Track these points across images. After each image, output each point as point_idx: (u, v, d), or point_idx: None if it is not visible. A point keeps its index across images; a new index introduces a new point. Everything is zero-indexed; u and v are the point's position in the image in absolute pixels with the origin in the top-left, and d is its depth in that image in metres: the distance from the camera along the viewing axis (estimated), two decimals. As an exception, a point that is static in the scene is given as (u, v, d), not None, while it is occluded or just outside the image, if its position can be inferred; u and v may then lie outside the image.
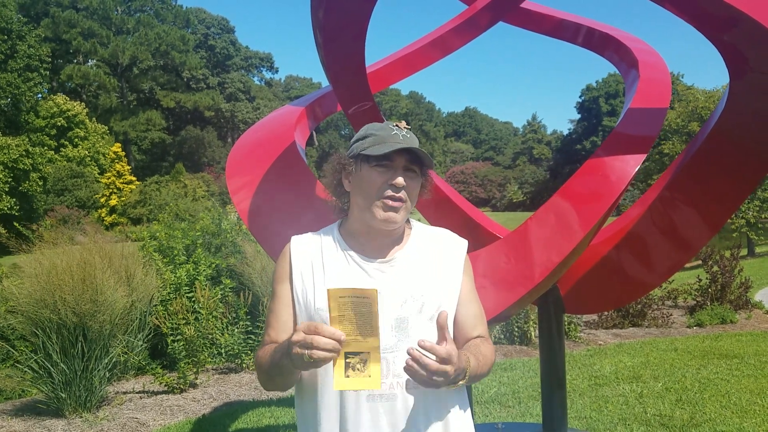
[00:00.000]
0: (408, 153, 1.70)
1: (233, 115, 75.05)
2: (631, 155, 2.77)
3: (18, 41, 42.72)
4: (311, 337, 1.45)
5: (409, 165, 1.71)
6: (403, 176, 1.69)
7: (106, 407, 5.83)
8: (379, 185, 1.69)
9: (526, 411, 5.38)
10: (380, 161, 1.69)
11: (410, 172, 1.71)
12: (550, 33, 4.00)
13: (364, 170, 1.71)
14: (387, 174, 1.69)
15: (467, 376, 1.61)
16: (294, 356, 1.49)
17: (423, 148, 1.71)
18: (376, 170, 1.69)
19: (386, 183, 1.68)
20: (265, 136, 3.34)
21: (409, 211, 1.75)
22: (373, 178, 1.70)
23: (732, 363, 6.65)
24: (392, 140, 1.69)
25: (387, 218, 1.70)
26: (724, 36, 2.48)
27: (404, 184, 1.69)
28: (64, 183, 45.01)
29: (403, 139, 1.70)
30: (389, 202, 1.68)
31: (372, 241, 1.77)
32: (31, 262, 5.99)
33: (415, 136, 1.77)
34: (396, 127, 1.73)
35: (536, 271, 2.65)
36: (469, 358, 1.64)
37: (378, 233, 1.75)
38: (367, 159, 1.70)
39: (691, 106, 26.41)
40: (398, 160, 1.69)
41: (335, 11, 2.56)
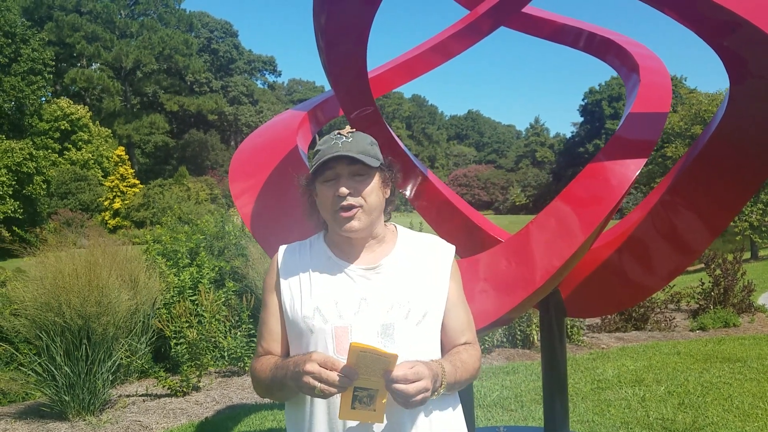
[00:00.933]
0: (347, 159, 1.69)
1: (236, 118, 75.21)
2: (632, 159, 2.78)
3: (22, 45, 42.84)
4: (327, 373, 1.50)
5: (355, 169, 1.71)
6: (348, 182, 1.69)
7: (110, 410, 5.84)
8: (331, 199, 1.71)
9: (529, 414, 5.38)
10: (323, 175, 1.71)
11: (358, 176, 1.71)
12: (551, 38, 4.01)
13: (318, 187, 1.75)
14: (334, 186, 1.70)
15: (444, 382, 1.64)
16: (303, 384, 1.53)
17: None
18: (325, 185, 1.72)
19: (334, 195, 1.70)
20: (268, 141, 3.36)
21: (371, 213, 1.73)
22: (324, 193, 1.73)
23: (735, 367, 6.64)
24: (332, 150, 1.69)
25: (346, 229, 1.71)
26: (724, 41, 2.49)
27: (346, 192, 1.69)
28: (68, 186, 45.12)
29: (342, 146, 1.69)
30: (341, 214, 1.70)
31: (355, 249, 1.79)
32: (35, 265, 6.01)
33: (362, 135, 1.76)
34: (337, 136, 1.73)
35: (537, 274, 2.65)
36: (443, 365, 1.66)
37: (357, 241, 1.77)
38: (315, 176, 1.73)
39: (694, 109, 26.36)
40: (340, 168, 1.70)
41: (337, 16, 2.57)
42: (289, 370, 1.61)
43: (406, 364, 1.55)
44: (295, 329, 1.75)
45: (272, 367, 1.70)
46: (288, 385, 1.62)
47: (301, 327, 1.72)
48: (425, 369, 1.56)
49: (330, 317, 1.69)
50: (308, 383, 1.51)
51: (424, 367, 1.56)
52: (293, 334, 1.77)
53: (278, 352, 1.81)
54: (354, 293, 1.72)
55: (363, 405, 1.52)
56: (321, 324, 1.69)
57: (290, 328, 1.78)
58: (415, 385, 1.52)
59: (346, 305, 1.70)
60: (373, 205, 1.73)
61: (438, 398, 1.70)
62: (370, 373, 1.50)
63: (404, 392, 1.51)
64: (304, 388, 1.54)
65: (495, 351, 7.79)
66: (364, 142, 1.74)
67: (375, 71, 3.78)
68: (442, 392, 1.65)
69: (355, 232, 1.72)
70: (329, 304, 1.71)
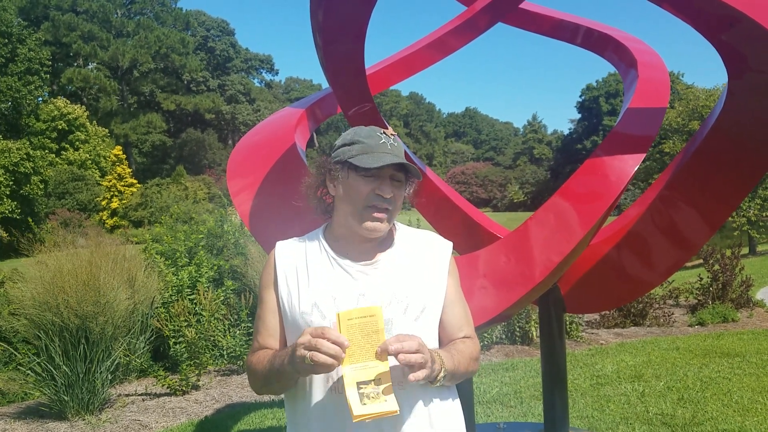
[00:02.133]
0: (402, 167, 1.72)
1: (234, 117, 75.15)
2: (630, 155, 2.78)
3: (18, 45, 42.74)
4: (316, 340, 1.49)
5: (396, 174, 1.73)
6: (390, 185, 1.71)
7: (109, 410, 5.84)
8: (366, 194, 1.70)
9: (528, 411, 5.38)
10: (366, 170, 1.70)
11: (396, 181, 1.73)
12: (549, 33, 4.01)
13: (351, 178, 1.72)
14: (374, 183, 1.70)
15: (443, 368, 1.63)
16: (297, 358, 1.52)
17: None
18: (363, 179, 1.71)
19: (373, 192, 1.70)
20: (266, 138, 3.35)
21: (393, 219, 1.77)
22: (359, 187, 1.71)
23: (734, 362, 6.65)
24: (380, 149, 1.70)
25: (373, 228, 1.72)
26: (723, 36, 2.49)
27: (391, 195, 1.70)
28: (65, 186, 45.02)
29: (391, 149, 1.71)
30: (375, 213, 1.70)
31: (356, 245, 1.79)
32: (34, 265, 6.01)
33: (401, 141, 1.78)
34: (384, 135, 1.73)
35: (536, 270, 2.66)
36: (440, 354, 1.65)
37: (362, 238, 1.77)
38: (354, 168, 1.71)
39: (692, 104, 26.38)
40: (385, 169, 1.71)
41: (334, 13, 2.57)
42: (285, 353, 1.61)
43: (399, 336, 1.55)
44: (293, 325, 1.75)
45: (270, 358, 1.70)
46: (286, 372, 1.61)
47: (299, 323, 1.72)
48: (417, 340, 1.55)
49: (328, 313, 1.69)
50: (301, 354, 1.50)
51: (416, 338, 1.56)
52: (291, 330, 1.76)
53: (275, 347, 1.80)
54: (352, 289, 1.72)
55: (372, 399, 1.50)
56: (319, 319, 1.69)
57: (288, 324, 1.77)
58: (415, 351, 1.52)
59: (344, 301, 1.70)
60: (397, 212, 1.77)
61: (437, 390, 1.71)
62: (364, 348, 1.50)
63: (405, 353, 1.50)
64: (299, 364, 1.53)
65: (494, 347, 7.79)
66: (403, 150, 1.77)
67: (373, 68, 3.78)
68: (442, 380, 1.64)
69: (379, 233, 1.73)
70: (327, 300, 1.71)
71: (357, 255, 1.78)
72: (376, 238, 1.78)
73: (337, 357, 1.48)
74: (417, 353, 1.52)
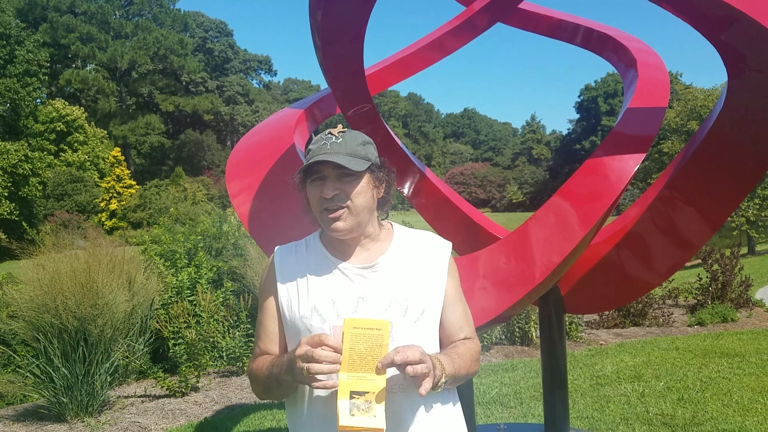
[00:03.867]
0: (333, 163, 1.67)
1: (232, 118, 75.08)
2: (630, 155, 2.77)
3: (17, 46, 42.65)
4: (313, 351, 1.49)
5: (343, 170, 1.68)
6: (335, 184, 1.68)
7: (108, 412, 5.83)
8: (317, 199, 1.71)
9: (528, 411, 5.38)
10: (311, 176, 1.71)
11: (346, 176, 1.69)
12: (548, 33, 4.01)
13: (307, 187, 1.74)
14: (321, 186, 1.69)
15: (444, 374, 1.62)
16: (296, 370, 1.52)
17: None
18: (314, 185, 1.71)
19: (321, 197, 1.69)
20: (265, 139, 3.34)
21: (358, 214, 1.71)
22: (312, 194, 1.73)
23: (733, 361, 6.65)
24: (320, 152, 1.68)
25: (333, 229, 1.70)
26: (722, 35, 2.48)
27: (332, 195, 1.67)
28: (64, 188, 44.95)
29: (331, 147, 1.68)
30: (327, 215, 1.69)
31: (350, 248, 1.78)
32: (32, 267, 5.99)
33: (353, 135, 1.73)
34: (327, 136, 1.71)
35: (537, 271, 2.65)
36: (438, 358, 1.64)
37: (350, 240, 1.76)
38: (304, 176, 1.73)
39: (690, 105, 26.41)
40: (327, 170, 1.68)
41: (333, 14, 2.56)
42: (283, 363, 1.60)
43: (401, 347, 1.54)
44: (293, 329, 1.74)
45: (268, 365, 1.69)
46: (284, 380, 1.61)
47: (299, 327, 1.71)
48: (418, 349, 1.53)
49: (328, 316, 1.68)
50: (300, 367, 1.50)
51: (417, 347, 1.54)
52: (291, 335, 1.76)
53: (276, 353, 1.80)
54: (351, 292, 1.71)
55: (362, 411, 1.50)
56: (319, 323, 1.68)
57: (288, 328, 1.77)
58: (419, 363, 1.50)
59: (344, 304, 1.69)
60: (361, 206, 1.71)
61: (437, 399, 1.70)
62: (365, 359, 1.49)
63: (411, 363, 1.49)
64: (297, 375, 1.52)
65: (494, 348, 7.79)
66: (354, 142, 1.71)
67: (371, 68, 3.78)
68: (443, 385, 1.63)
69: (341, 232, 1.71)
70: (327, 304, 1.70)
71: (355, 258, 1.77)
72: (361, 236, 1.77)
73: (335, 362, 1.48)
74: (421, 363, 1.50)
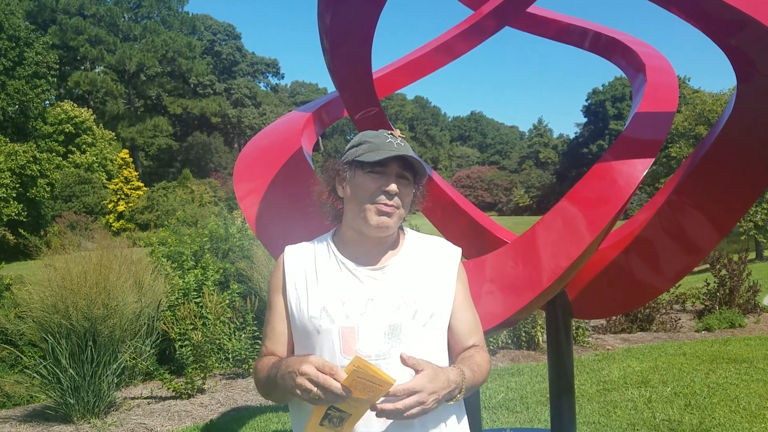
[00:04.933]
0: (401, 160, 1.72)
1: (240, 120, 75.34)
2: (639, 159, 2.76)
3: (26, 48, 42.91)
4: (325, 378, 1.47)
5: (402, 172, 1.73)
6: (396, 183, 1.71)
7: (115, 413, 5.84)
8: (373, 191, 1.71)
9: (535, 416, 5.36)
10: (374, 168, 1.71)
11: (403, 179, 1.73)
12: (557, 37, 4.00)
13: (358, 176, 1.73)
14: (380, 180, 1.70)
15: (463, 389, 1.63)
16: (296, 384, 1.50)
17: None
18: (369, 176, 1.71)
19: (379, 189, 1.70)
20: (273, 142, 3.35)
21: (401, 218, 1.76)
22: (366, 184, 1.71)
23: (741, 367, 6.61)
24: (386, 148, 1.71)
25: (380, 223, 1.71)
26: (731, 40, 2.47)
27: (397, 191, 1.70)
28: (72, 189, 45.16)
29: (398, 147, 1.71)
30: (382, 207, 1.70)
31: (365, 249, 1.78)
32: (42, 268, 6.02)
33: (409, 144, 1.79)
34: (391, 135, 1.75)
35: (544, 275, 2.64)
36: (463, 371, 1.65)
37: (370, 240, 1.77)
38: (361, 165, 1.72)
39: (698, 109, 26.33)
40: (391, 167, 1.71)
41: (342, 17, 2.57)
42: (280, 370, 1.59)
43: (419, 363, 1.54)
44: (302, 330, 1.74)
45: (270, 368, 1.68)
46: (282, 386, 1.59)
47: (308, 327, 1.71)
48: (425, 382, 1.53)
49: (337, 317, 1.68)
50: (302, 385, 1.48)
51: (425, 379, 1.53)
52: (299, 335, 1.76)
53: (283, 354, 1.79)
54: (361, 293, 1.71)
55: (332, 425, 1.51)
56: (328, 324, 1.68)
57: (296, 328, 1.76)
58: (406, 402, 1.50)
59: (353, 305, 1.69)
60: (403, 213, 1.76)
61: (445, 407, 1.69)
62: (358, 395, 1.47)
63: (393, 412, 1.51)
64: (294, 389, 1.51)
65: (500, 352, 7.77)
66: (411, 150, 1.77)
67: (379, 72, 3.78)
68: (461, 396, 1.64)
69: (385, 229, 1.72)
70: (336, 304, 1.70)
71: (366, 259, 1.78)
72: (384, 239, 1.77)
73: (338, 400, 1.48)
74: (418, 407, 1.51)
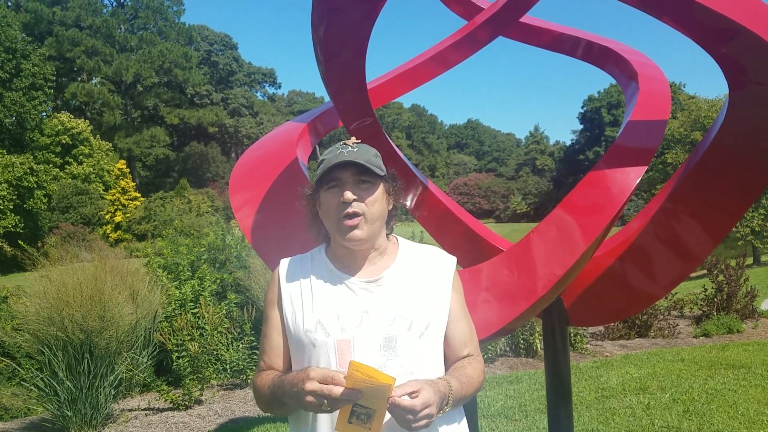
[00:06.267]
0: (354, 166, 1.70)
1: (237, 130, 75.37)
2: (632, 167, 2.77)
3: (22, 60, 42.95)
4: (329, 389, 1.48)
5: (360, 177, 1.71)
6: (353, 189, 1.70)
7: (112, 425, 5.82)
8: (335, 206, 1.71)
9: (533, 424, 5.35)
10: (328, 183, 1.71)
11: (363, 183, 1.71)
12: (550, 47, 4.02)
13: (322, 195, 1.74)
14: (339, 193, 1.70)
15: (450, 400, 1.62)
16: (306, 404, 1.51)
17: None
18: (330, 192, 1.72)
19: (340, 202, 1.70)
20: (268, 153, 3.36)
21: (373, 223, 1.73)
22: (328, 201, 1.72)
23: (739, 373, 6.61)
24: (338, 158, 1.70)
25: (350, 238, 1.71)
26: (723, 48, 2.49)
27: (352, 198, 1.69)
28: (69, 200, 45.09)
29: (348, 155, 1.70)
30: (346, 222, 1.69)
31: (356, 261, 1.78)
32: (38, 280, 6.01)
33: (367, 147, 1.77)
34: (342, 146, 1.74)
35: (539, 284, 2.64)
36: (450, 383, 1.64)
37: (360, 253, 1.77)
38: (320, 184, 1.73)
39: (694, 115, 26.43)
40: (346, 176, 1.70)
41: (336, 28, 2.58)
42: (286, 390, 1.59)
43: (411, 384, 1.52)
44: (297, 343, 1.74)
45: (270, 385, 1.69)
46: (287, 403, 1.61)
47: (303, 341, 1.72)
48: (431, 395, 1.53)
49: (332, 330, 1.69)
50: (312, 403, 1.49)
51: (431, 391, 1.53)
52: (295, 348, 1.76)
53: (280, 367, 1.80)
54: (356, 306, 1.72)
55: (360, 422, 1.51)
56: (323, 337, 1.69)
57: (292, 342, 1.77)
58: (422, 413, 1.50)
59: (348, 318, 1.70)
60: (376, 215, 1.73)
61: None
62: (369, 395, 1.48)
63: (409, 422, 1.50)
64: (307, 408, 1.52)
65: (498, 360, 7.76)
66: (368, 153, 1.74)
67: (374, 82, 3.79)
68: (448, 408, 1.64)
69: (359, 242, 1.71)
70: (331, 318, 1.70)
71: (360, 272, 1.78)
72: (370, 249, 1.78)
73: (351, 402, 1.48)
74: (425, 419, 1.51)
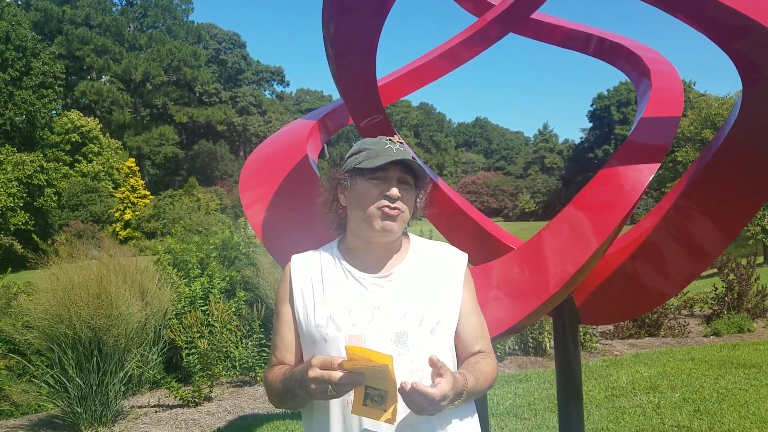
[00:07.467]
0: (401, 165, 1.73)
1: (245, 128, 75.63)
2: (645, 164, 2.75)
3: (32, 59, 43.23)
4: (329, 374, 1.48)
5: (403, 176, 1.74)
6: (397, 187, 1.72)
7: (122, 421, 5.84)
8: (375, 197, 1.71)
9: (543, 423, 5.33)
10: (374, 174, 1.72)
11: (404, 184, 1.74)
12: (561, 43, 3.99)
13: (360, 184, 1.74)
14: (382, 186, 1.71)
15: (464, 395, 1.62)
16: (312, 392, 1.52)
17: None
18: (371, 183, 1.72)
19: (381, 194, 1.71)
20: (278, 150, 3.36)
21: (405, 222, 1.76)
22: (368, 191, 1.72)
23: (750, 372, 6.56)
24: (385, 153, 1.72)
25: (384, 227, 1.71)
26: (736, 44, 2.47)
27: (399, 195, 1.71)
28: (79, 198, 45.36)
29: (396, 152, 1.72)
30: (386, 210, 1.70)
31: (370, 256, 1.79)
32: (47, 277, 6.04)
33: (408, 148, 1.79)
34: (389, 141, 1.76)
35: (551, 282, 2.63)
36: (466, 378, 1.64)
37: (375, 247, 1.77)
38: (361, 173, 1.73)
39: (704, 113, 26.29)
40: (392, 171, 1.72)
41: (346, 26, 2.58)
42: (296, 380, 1.60)
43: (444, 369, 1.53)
44: (309, 338, 1.75)
45: (281, 378, 1.70)
46: (298, 394, 1.61)
47: (315, 336, 1.72)
48: (450, 388, 1.52)
49: (343, 326, 1.69)
50: (318, 390, 1.50)
51: (451, 384, 1.52)
52: (307, 344, 1.77)
53: (292, 362, 1.80)
54: (367, 301, 1.72)
55: (374, 403, 1.51)
56: (334, 332, 1.69)
57: (303, 337, 1.77)
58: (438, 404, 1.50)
59: (360, 313, 1.70)
60: (407, 217, 1.77)
61: (454, 410, 1.70)
62: (373, 377, 1.49)
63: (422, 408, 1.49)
64: (315, 395, 1.53)
65: (507, 359, 7.74)
66: (410, 155, 1.77)
67: (384, 79, 3.79)
68: (462, 400, 1.64)
69: (390, 234, 1.73)
70: (342, 313, 1.71)
71: (372, 267, 1.78)
72: (389, 245, 1.78)
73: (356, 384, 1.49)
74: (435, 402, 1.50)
